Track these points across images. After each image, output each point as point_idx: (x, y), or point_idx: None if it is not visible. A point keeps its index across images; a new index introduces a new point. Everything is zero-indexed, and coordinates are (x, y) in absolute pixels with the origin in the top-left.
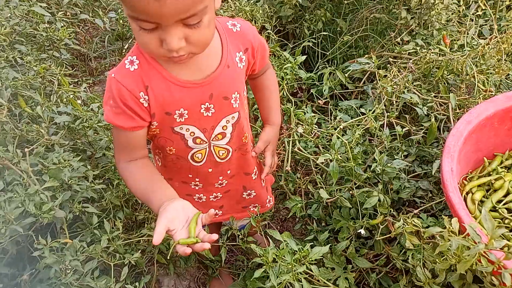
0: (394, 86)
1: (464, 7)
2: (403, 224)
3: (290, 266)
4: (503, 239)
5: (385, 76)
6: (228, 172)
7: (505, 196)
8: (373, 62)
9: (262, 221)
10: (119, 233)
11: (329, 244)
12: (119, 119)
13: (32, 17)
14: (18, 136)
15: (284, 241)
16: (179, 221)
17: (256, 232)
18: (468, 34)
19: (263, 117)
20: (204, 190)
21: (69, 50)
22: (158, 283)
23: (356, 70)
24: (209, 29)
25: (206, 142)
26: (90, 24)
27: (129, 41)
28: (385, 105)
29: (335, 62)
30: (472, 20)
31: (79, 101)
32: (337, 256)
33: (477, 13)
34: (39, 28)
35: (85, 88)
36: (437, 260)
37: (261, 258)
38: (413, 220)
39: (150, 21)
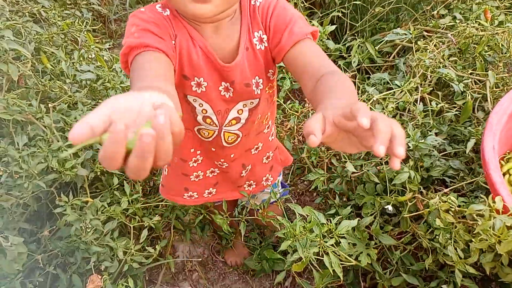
0: (431, 60)
1: None
2: (439, 202)
3: (318, 239)
4: None
5: (425, 49)
6: (232, 156)
7: None
8: (411, 34)
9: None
10: (139, 196)
11: (358, 218)
12: (144, 39)
13: None
14: (41, 91)
15: (311, 214)
16: (135, 116)
17: (275, 207)
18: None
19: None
20: (203, 165)
21: (90, 10)
22: (173, 249)
23: (389, 41)
24: None
25: (217, 127)
26: None
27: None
28: (419, 80)
29: (364, 34)
30: None
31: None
32: (360, 231)
33: None
34: None
35: (106, 48)
36: (473, 239)
37: (288, 230)
38: (449, 198)
39: None
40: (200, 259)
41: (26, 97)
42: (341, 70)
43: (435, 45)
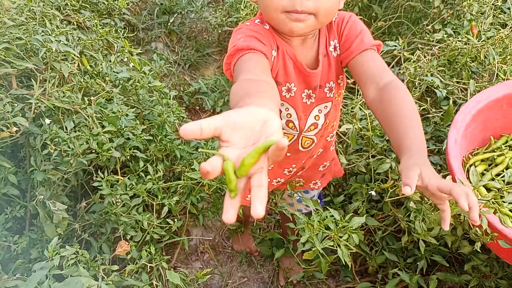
0: (418, 69)
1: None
2: None
3: (333, 234)
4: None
5: (418, 59)
6: (303, 162)
7: (504, 170)
8: (400, 46)
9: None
10: (160, 176)
11: (366, 215)
12: (250, 43)
13: None
14: (84, 87)
15: (327, 210)
16: (243, 136)
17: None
18: (499, 26)
19: (394, 147)
20: (271, 172)
21: (122, 20)
22: (188, 233)
23: (389, 52)
24: (334, 1)
25: (297, 131)
26: None
27: (175, 16)
28: (408, 86)
29: None
30: (505, 13)
31: (132, 64)
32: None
33: None
34: None
35: (137, 53)
36: (432, 213)
37: (306, 225)
38: None
39: None
40: (211, 243)
41: (72, 91)
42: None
43: (424, 56)
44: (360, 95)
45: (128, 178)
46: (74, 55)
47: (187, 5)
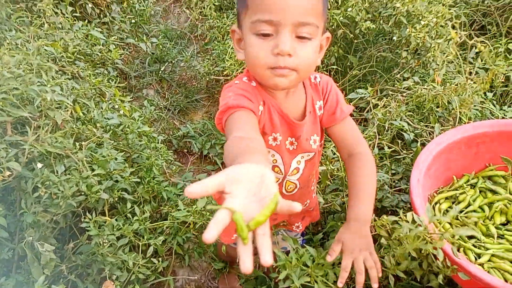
0: (387, 114)
1: (460, 51)
2: (378, 223)
3: (310, 270)
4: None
5: (377, 105)
6: None
7: (467, 207)
8: (368, 93)
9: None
10: (146, 217)
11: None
12: (240, 101)
13: (90, 39)
14: (76, 133)
15: (304, 249)
16: (244, 187)
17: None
18: (462, 74)
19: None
20: None
21: (115, 69)
22: (174, 273)
23: (357, 98)
24: (313, 56)
25: (282, 175)
26: (134, 47)
27: (165, 64)
28: (378, 130)
29: (345, 93)
30: (470, 62)
31: (122, 111)
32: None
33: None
34: (95, 49)
35: (128, 100)
36: (398, 247)
37: (285, 262)
38: (383, 217)
39: (273, 19)
40: (197, 283)
41: (64, 136)
42: None
43: (394, 101)
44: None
45: (116, 219)
46: (68, 104)
47: (177, 54)
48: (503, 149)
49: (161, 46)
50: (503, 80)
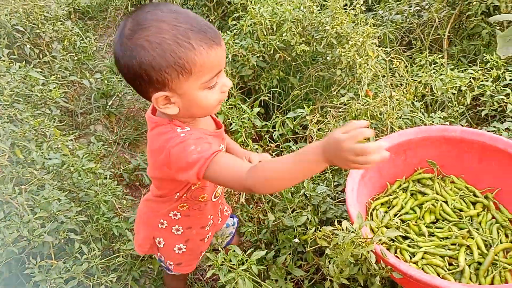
0: (325, 129)
1: (392, 66)
2: (320, 234)
3: (235, 267)
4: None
5: (311, 121)
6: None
7: (400, 210)
8: (306, 112)
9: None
10: (97, 253)
11: (266, 250)
12: (211, 148)
13: (29, 80)
14: (15, 177)
15: (232, 248)
16: None
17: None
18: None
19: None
20: (213, 225)
21: (58, 107)
22: None
23: (298, 117)
24: None
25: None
26: (78, 84)
27: (113, 98)
28: None
29: (288, 112)
30: (402, 76)
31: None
32: (279, 268)
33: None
34: (34, 89)
35: (71, 138)
36: (338, 256)
37: (213, 261)
38: (323, 228)
39: (219, 69)
40: None
41: (2, 182)
42: (267, 142)
43: (333, 117)
44: None
45: (64, 262)
46: (4, 148)
47: (124, 87)
48: (428, 153)
49: (106, 81)
50: (428, 90)
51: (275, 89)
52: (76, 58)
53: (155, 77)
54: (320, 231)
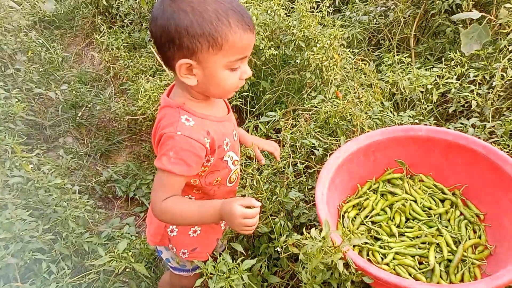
0: (297, 133)
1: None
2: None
3: (225, 276)
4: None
5: (285, 127)
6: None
7: (371, 211)
8: (278, 115)
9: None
10: (66, 272)
11: (256, 259)
12: (175, 168)
13: None
14: None
15: (221, 257)
16: None
17: None
18: (361, 89)
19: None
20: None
21: (24, 121)
22: None
23: (270, 121)
24: None
25: (239, 161)
26: (45, 95)
27: (82, 109)
28: (292, 149)
29: (261, 116)
30: (367, 77)
31: (30, 166)
32: (254, 276)
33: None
34: None
35: (37, 154)
36: (310, 263)
37: (202, 269)
38: (292, 238)
39: (245, 54)
40: None
41: None
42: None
43: (305, 120)
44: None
45: (31, 283)
46: None
47: (93, 97)
48: (396, 153)
49: (74, 92)
50: (397, 89)
51: (246, 94)
52: (41, 69)
53: (186, 43)
54: (291, 237)
